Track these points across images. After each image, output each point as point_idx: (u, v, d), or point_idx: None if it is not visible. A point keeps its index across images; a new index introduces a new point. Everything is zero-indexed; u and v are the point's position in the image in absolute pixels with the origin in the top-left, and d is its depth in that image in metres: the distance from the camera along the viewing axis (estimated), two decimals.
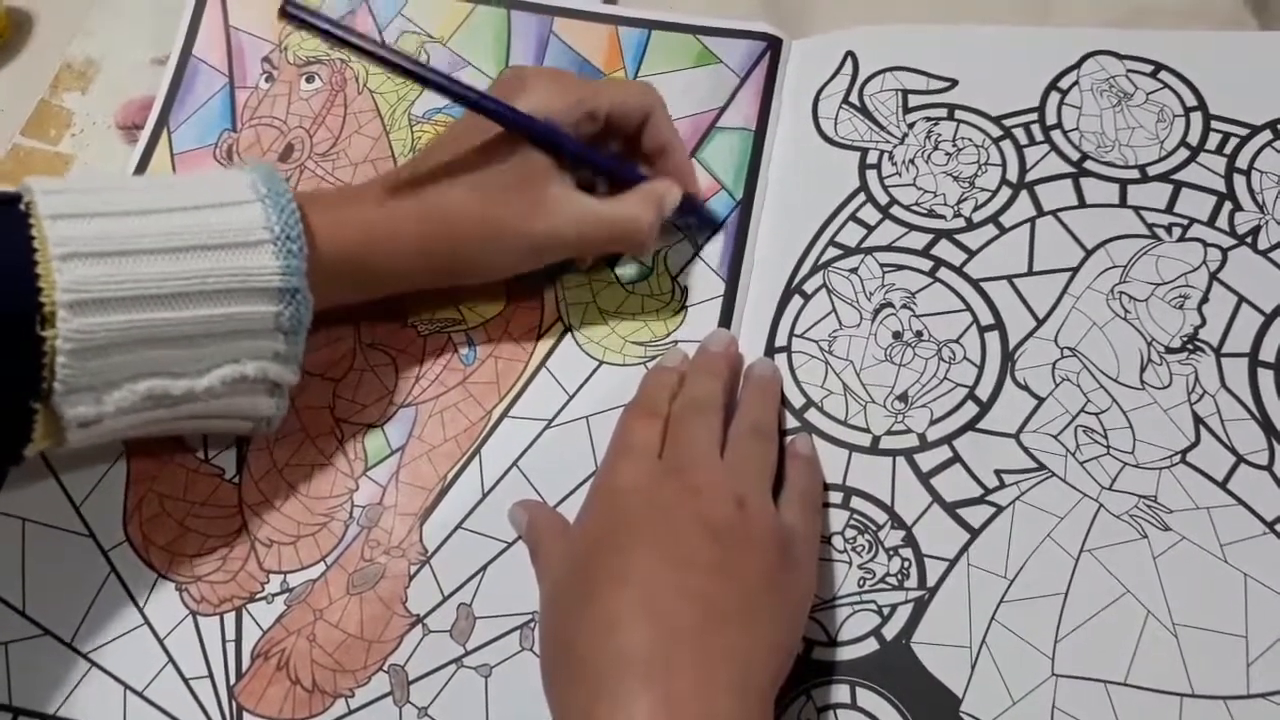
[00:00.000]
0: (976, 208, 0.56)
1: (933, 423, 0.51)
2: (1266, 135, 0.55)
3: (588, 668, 0.40)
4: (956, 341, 0.53)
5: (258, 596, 0.51)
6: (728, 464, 0.46)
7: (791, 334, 0.54)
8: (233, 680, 0.49)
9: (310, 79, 0.63)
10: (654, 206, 0.52)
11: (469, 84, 0.49)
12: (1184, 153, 0.56)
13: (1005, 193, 0.56)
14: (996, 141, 0.57)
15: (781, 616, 0.43)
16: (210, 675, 0.49)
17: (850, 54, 0.61)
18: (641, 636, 0.40)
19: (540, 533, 0.49)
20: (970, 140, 0.58)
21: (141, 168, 0.61)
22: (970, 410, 0.51)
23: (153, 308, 0.43)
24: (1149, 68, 0.58)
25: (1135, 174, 0.55)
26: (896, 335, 0.53)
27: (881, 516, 0.50)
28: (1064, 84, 0.58)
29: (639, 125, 0.54)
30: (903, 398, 0.52)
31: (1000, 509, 0.49)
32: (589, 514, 0.46)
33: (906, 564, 0.49)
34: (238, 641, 0.50)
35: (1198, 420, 0.50)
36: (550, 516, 0.50)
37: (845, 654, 0.47)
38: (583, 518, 0.47)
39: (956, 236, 0.55)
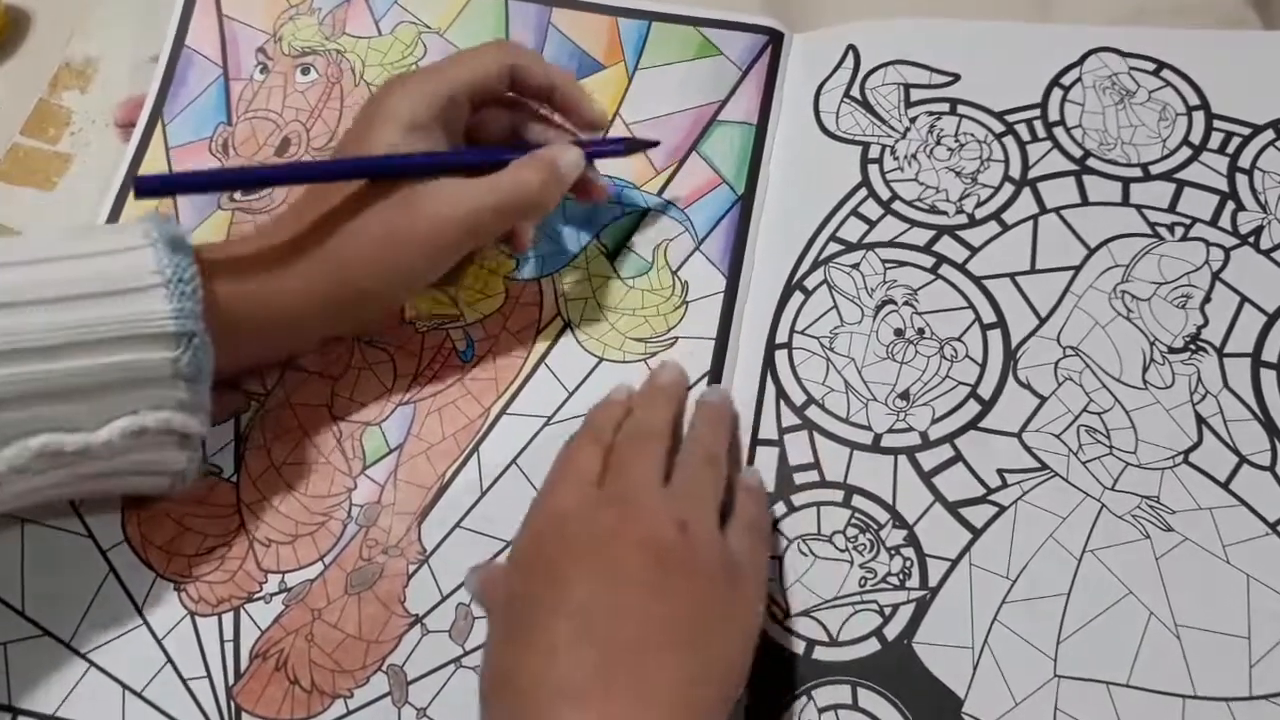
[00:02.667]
0: (979, 204, 0.56)
1: (934, 421, 0.51)
2: (1269, 135, 0.55)
3: (527, 699, 0.39)
4: (959, 339, 0.53)
5: (255, 596, 0.50)
6: (672, 490, 0.46)
7: (793, 330, 0.54)
8: (231, 680, 0.49)
9: (305, 70, 0.62)
10: (537, 167, 0.50)
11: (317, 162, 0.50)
12: (1186, 151, 0.56)
13: (1008, 189, 0.56)
14: (999, 137, 0.57)
15: (725, 640, 0.42)
16: (209, 675, 0.49)
17: (852, 47, 0.60)
18: (581, 662, 0.39)
19: (486, 585, 0.48)
20: (972, 136, 0.57)
21: (136, 162, 0.60)
22: (972, 409, 0.51)
23: (38, 360, 0.41)
24: (1151, 65, 0.58)
25: (1138, 172, 0.55)
26: (898, 332, 0.53)
27: (883, 515, 0.50)
28: (1066, 80, 0.58)
29: (511, 82, 0.53)
30: (904, 395, 0.52)
31: (1002, 509, 0.49)
32: (526, 540, 0.45)
33: (908, 563, 0.48)
34: (236, 642, 0.49)
35: (1200, 420, 0.50)
36: (498, 567, 0.49)
37: (846, 654, 0.47)
38: (519, 544, 0.46)
39: (959, 233, 0.55)
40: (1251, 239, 0.53)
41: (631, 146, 0.55)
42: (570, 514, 0.44)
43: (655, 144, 0.57)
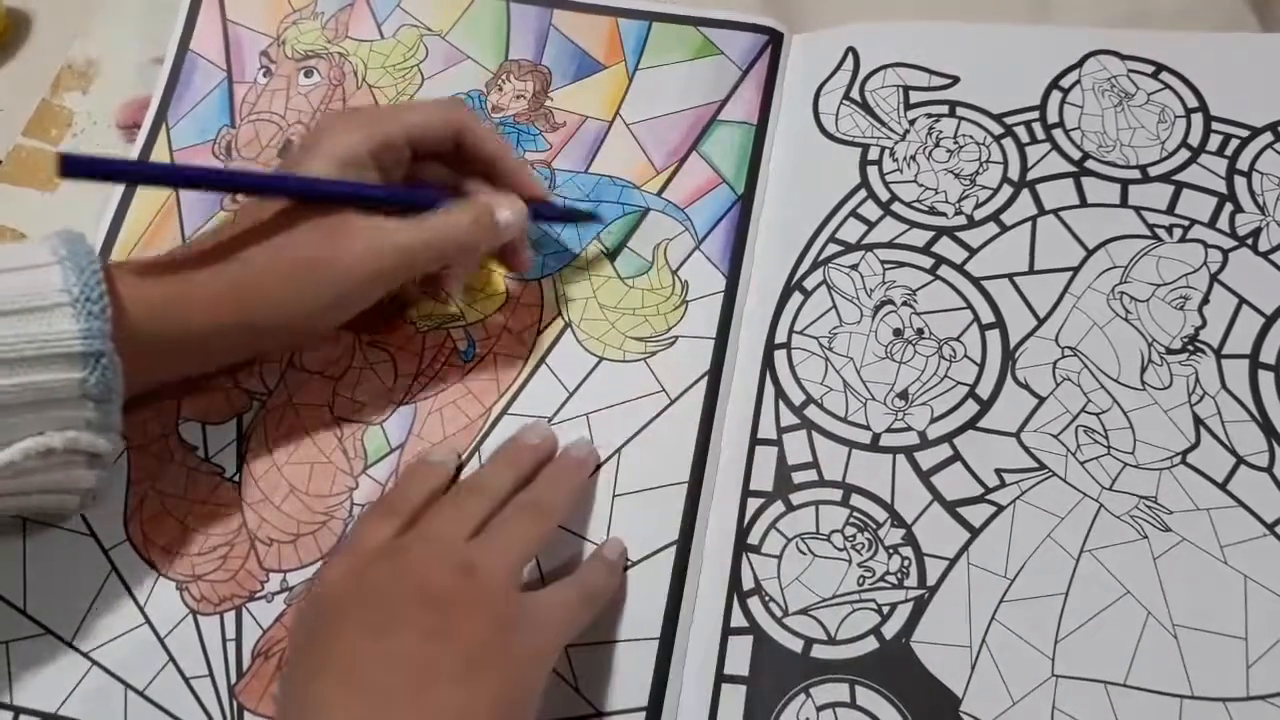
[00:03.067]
0: (978, 205, 0.56)
1: (933, 421, 0.51)
2: (1267, 137, 0.56)
3: None
4: (957, 339, 0.53)
5: (257, 595, 0.50)
6: (478, 538, 0.44)
7: (792, 330, 0.54)
8: (233, 679, 0.49)
9: (309, 73, 0.63)
10: (470, 213, 0.50)
11: (247, 172, 0.47)
12: (1185, 154, 0.56)
13: (1006, 191, 0.56)
14: (998, 139, 0.57)
15: (504, 678, 0.41)
16: (211, 674, 0.49)
17: (851, 50, 0.61)
18: (350, 714, 0.39)
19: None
20: (971, 138, 0.57)
21: None
22: (971, 409, 0.51)
23: None
24: (1150, 68, 0.58)
25: (1136, 174, 0.55)
26: (897, 332, 0.53)
27: (881, 514, 0.50)
28: (1065, 83, 0.58)
29: (454, 144, 0.51)
30: (903, 395, 0.52)
31: (1000, 508, 0.49)
32: (298, 610, 0.45)
33: (906, 562, 0.49)
34: (238, 640, 0.50)
35: (1198, 421, 0.50)
36: None
37: (844, 652, 0.47)
38: (294, 615, 0.47)
39: (958, 234, 0.55)
40: (1250, 241, 0.53)
41: (570, 215, 0.55)
42: (339, 578, 0.43)
43: (595, 218, 0.57)
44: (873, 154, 0.58)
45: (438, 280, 0.53)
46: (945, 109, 0.58)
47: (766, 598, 0.48)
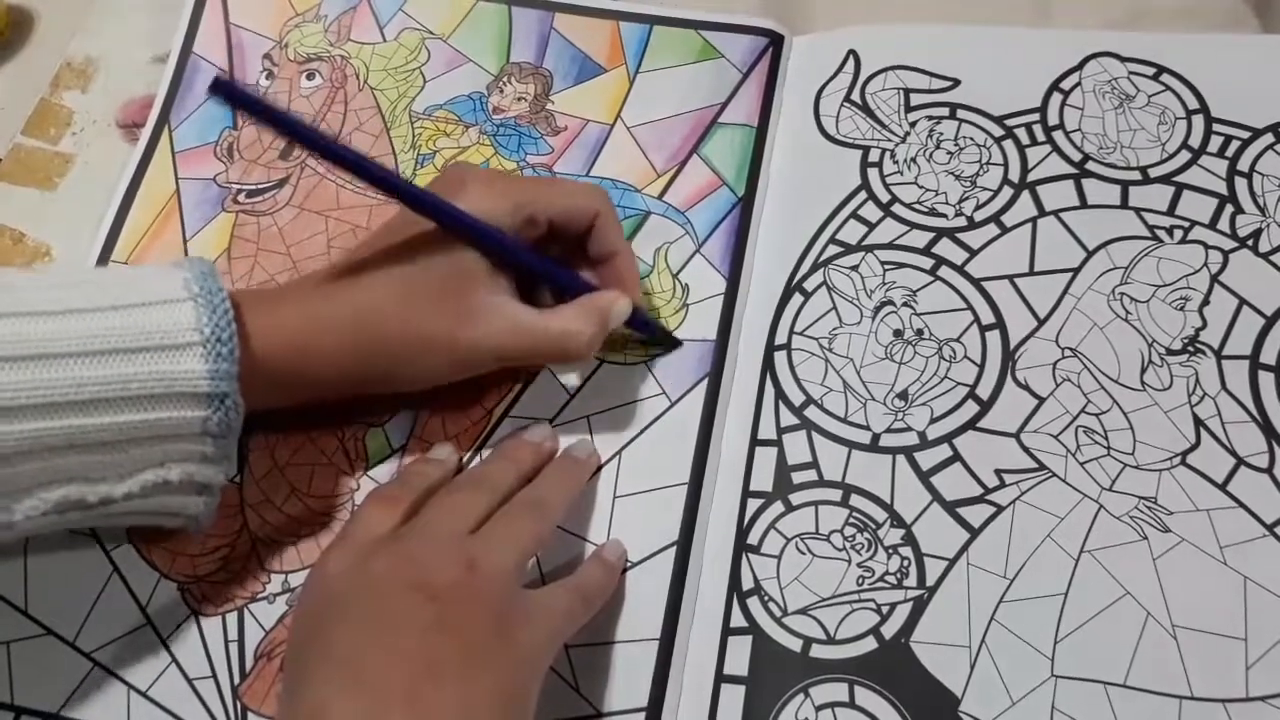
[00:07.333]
0: (978, 207, 0.56)
1: (933, 421, 0.51)
2: (1268, 138, 0.56)
3: None
4: (957, 340, 0.53)
5: (259, 596, 0.51)
6: (479, 533, 0.44)
7: (792, 331, 0.54)
8: (236, 680, 0.49)
9: (311, 76, 0.63)
10: (595, 319, 0.49)
11: (405, 179, 0.46)
12: (1185, 155, 0.56)
13: (1007, 192, 0.56)
14: (998, 141, 0.57)
15: (508, 668, 0.41)
16: (214, 675, 0.49)
17: (852, 52, 0.61)
18: (350, 710, 0.38)
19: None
20: (972, 140, 0.58)
21: (143, 166, 0.61)
22: (971, 409, 0.52)
23: (68, 414, 0.41)
24: (1151, 70, 0.58)
25: (1137, 175, 0.55)
26: (897, 333, 0.53)
27: (881, 515, 0.50)
28: (1066, 85, 0.58)
29: (586, 229, 0.51)
30: (903, 396, 0.52)
31: (1000, 509, 0.49)
32: (299, 603, 0.45)
33: (906, 562, 0.49)
34: (240, 641, 0.50)
35: (1198, 422, 0.50)
36: None
37: (843, 652, 0.47)
38: (295, 608, 0.47)
39: (958, 235, 0.55)
40: (1250, 242, 0.53)
41: (653, 328, 0.54)
42: (338, 572, 0.43)
43: (677, 344, 0.54)
44: (873, 156, 0.58)
45: None
46: (946, 111, 0.59)
47: (766, 598, 0.49)
